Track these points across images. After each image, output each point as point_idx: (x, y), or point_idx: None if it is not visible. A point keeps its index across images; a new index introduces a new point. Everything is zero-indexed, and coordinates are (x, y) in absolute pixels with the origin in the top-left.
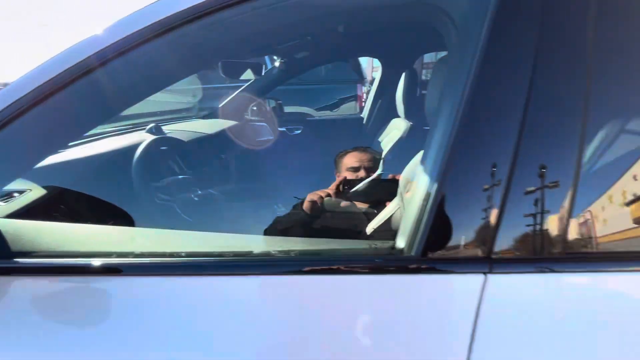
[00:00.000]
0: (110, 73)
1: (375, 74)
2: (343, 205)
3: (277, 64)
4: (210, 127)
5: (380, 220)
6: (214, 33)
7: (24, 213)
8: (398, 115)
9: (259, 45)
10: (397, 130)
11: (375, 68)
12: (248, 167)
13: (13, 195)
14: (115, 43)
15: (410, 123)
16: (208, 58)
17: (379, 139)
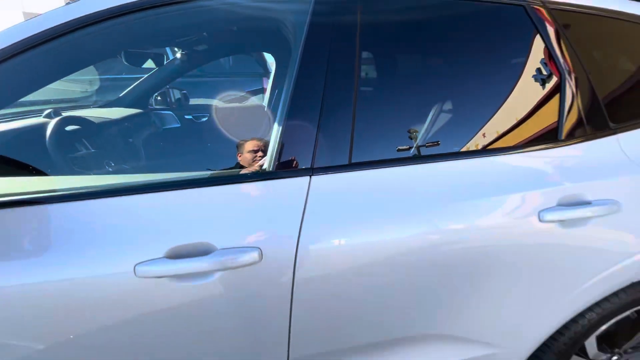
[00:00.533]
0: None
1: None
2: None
3: (178, 55)
4: (111, 114)
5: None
6: (117, 30)
7: None
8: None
9: (159, 40)
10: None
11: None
12: (155, 148)
13: None
14: (28, 38)
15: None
16: (111, 50)
17: (269, 132)
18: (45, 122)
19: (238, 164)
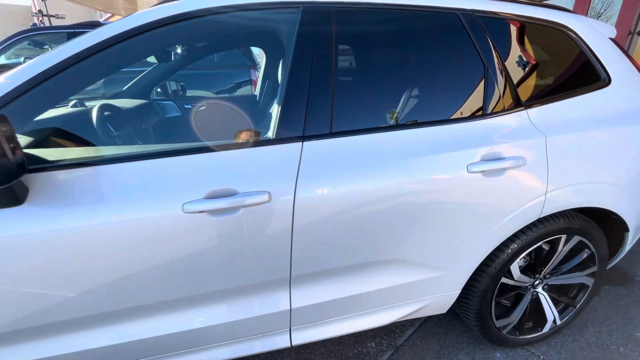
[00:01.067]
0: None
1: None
2: None
3: (179, 51)
4: (122, 104)
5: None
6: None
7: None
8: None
9: (186, 42)
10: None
11: (259, 55)
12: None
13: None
14: (88, 47)
15: (267, 100)
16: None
17: (270, 111)
18: (89, 108)
19: (253, 134)
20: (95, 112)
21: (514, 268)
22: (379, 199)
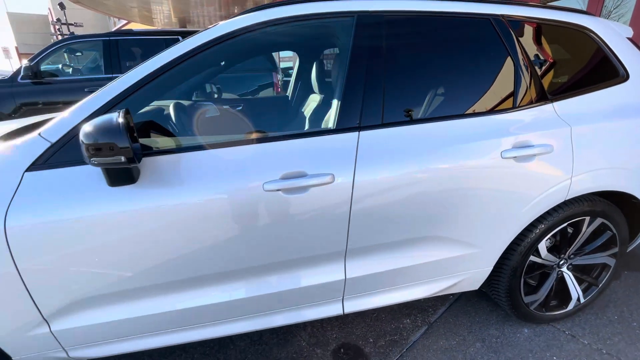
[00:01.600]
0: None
1: (283, 64)
2: None
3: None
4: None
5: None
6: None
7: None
8: (314, 92)
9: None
10: (314, 102)
11: (283, 59)
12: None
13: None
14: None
15: (322, 96)
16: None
17: (302, 110)
18: (165, 105)
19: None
20: (173, 108)
21: (542, 247)
22: (424, 181)
